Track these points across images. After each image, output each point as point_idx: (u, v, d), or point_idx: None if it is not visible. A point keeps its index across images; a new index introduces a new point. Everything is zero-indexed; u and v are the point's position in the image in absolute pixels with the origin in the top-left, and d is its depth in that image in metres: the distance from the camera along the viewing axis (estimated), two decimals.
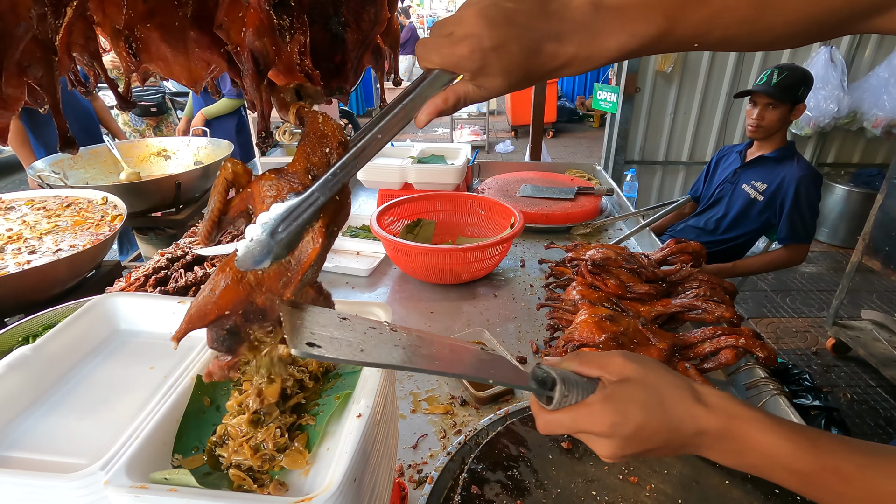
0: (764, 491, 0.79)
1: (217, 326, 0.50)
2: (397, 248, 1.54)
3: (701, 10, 0.54)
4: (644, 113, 4.35)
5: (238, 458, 0.51)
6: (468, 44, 0.52)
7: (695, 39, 0.56)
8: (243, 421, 0.52)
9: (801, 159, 2.23)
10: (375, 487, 0.59)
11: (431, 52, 0.54)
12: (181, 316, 0.71)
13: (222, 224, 0.56)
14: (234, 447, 0.51)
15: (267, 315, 0.51)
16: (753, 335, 1.13)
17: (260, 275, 0.51)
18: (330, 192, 0.51)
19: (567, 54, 0.55)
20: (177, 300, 0.73)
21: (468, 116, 7.87)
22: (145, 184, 2.49)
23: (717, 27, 0.55)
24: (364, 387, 0.57)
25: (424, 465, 0.98)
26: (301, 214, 0.51)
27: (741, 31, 0.56)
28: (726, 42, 0.58)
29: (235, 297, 0.50)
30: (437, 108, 0.56)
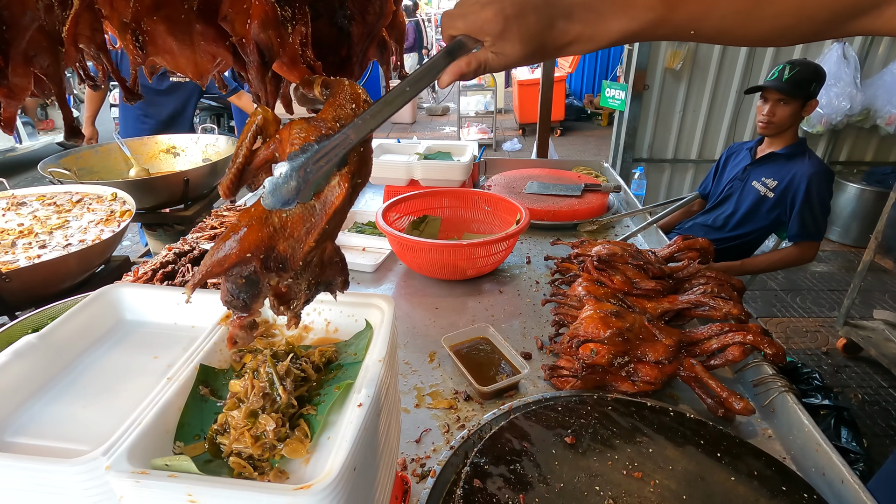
0: (771, 488, 0.78)
1: (235, 275, 0.48)
2: (403, 244, 1.54)
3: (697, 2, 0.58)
4: (653, 110, 4.32)
5: (238, 446, 0.51)
6: (492, 8, 0.57)
7: (691, 26, 0.60)
8: (241, 414, 0.52)
9: (813, 156, 2.20)
10: (376, 477, 0.59)
11: (457, 19, 0.60)
12: (185, 307, 0.72)
13: (245, 176, 0.55)
14: (234, 435, 0.51)
15: (287, 265, 0.50)
16: (761, 332, 1.12)
17: (284, 217, 0.50)
18: (360, 134, 0.52)
19: (575, 31, 0.60)
20: (181, 291, 0.73)
21: (475, 115, 7.86)
22: (154, 180, 2.51)
23: (712, 16, 0.59)
24: (365, 377, 0.57)
25: (427, 459, 0.98)
26: (331, 155, 0.51)
27: (735, 21, 0.59)
28: (722, 32, 0.61)
29: (258, 239, 0.49)
30: (459, 69, 0.60)
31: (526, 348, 1.30)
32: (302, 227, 0.50)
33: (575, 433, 0.88)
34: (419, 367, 1.24)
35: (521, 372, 1.15)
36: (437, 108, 10.15)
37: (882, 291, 3.66)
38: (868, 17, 0.56)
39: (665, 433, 0.88)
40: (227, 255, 0.49)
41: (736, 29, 0.60)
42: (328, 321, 0.72)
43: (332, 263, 0.54)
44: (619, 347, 1.07)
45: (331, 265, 0.54)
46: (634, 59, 4.08)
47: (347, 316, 0.71)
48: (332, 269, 0.54)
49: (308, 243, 0.50)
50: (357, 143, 0.52)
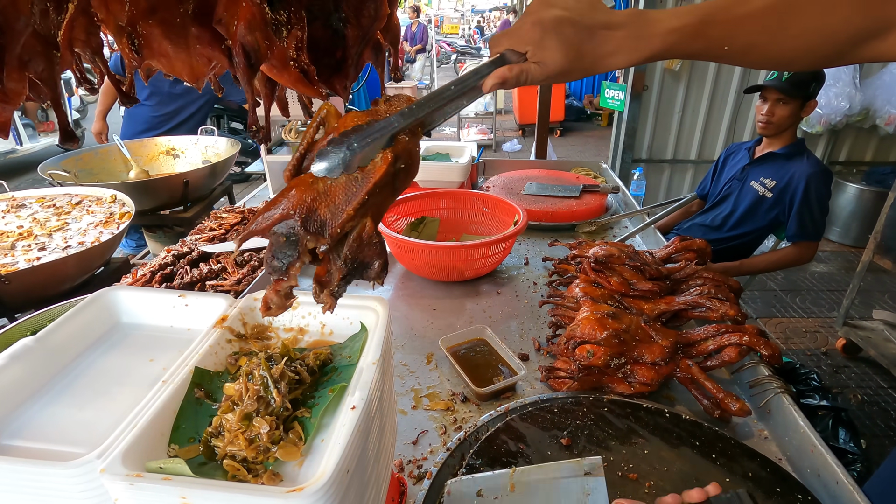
0: (765, 489, 0.78)
1: (278, 234, 0.53)
2: (401, 246, 1.55)
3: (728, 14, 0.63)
4: (652, 111, 4.32)
5: (233, 448, 0.51)
6: (531, 19, 0.63)
7: (724, 42, 0.64)
8: (235, 417, 0.53)
9: (811, 156, 2.20)
10: (371, 479, 0.60)
11: (501, 37, 0.66)
12: (181, 310, 0.72)
13: (305, 162, 0.60)
14: (229, 438, 0.52)
15: (325, 229, 0.53)
16: (758, 333, 1.12)
17: (329, 185, 0.55)
18: (405, 121, 0.58)
19: (616, 39, 0.64)
20: (177, 294, 0.73)
21: (475, 115, 7.86)
22: (153, 182, 2.52)
23: (741, 32, 0.63)
24: (359, 380, 0.57)
25: (424, 460, 0.98)
26: (377, 134, 0.57)
27: (763, 38, 0.63)
28: (751, 48, 0.65)
29: (302, 199, 0.53)
30: (502, 75, 0.64)
31: (523, 350, 1.30)
32: (343, 195, 0.54)
33: (570, 435, 0.89)
34: (416, 369, 1.24)
35: (518, 373, 1.15)
36: None
37: (882, 292, 3.65)
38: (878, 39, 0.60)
39: (660, 434, 0.88)
40: (273, 211, 0.53)
41: (763, 46, 0.64)
42: (323, 323, 0.72)
43: (370, 244, 0.56)
44: (615, 349, 1.08)
45: (369, 245, 0.56)
46: None
47: (342, 318, 0.72)
48: (371, 251, 0.56)
49: (347, 211, 0.53)
50: (402, 127, 0.58)
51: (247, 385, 0.55)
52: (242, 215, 2.07)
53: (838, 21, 0.60)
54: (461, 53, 12.38)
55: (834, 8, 0.60)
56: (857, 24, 0.60)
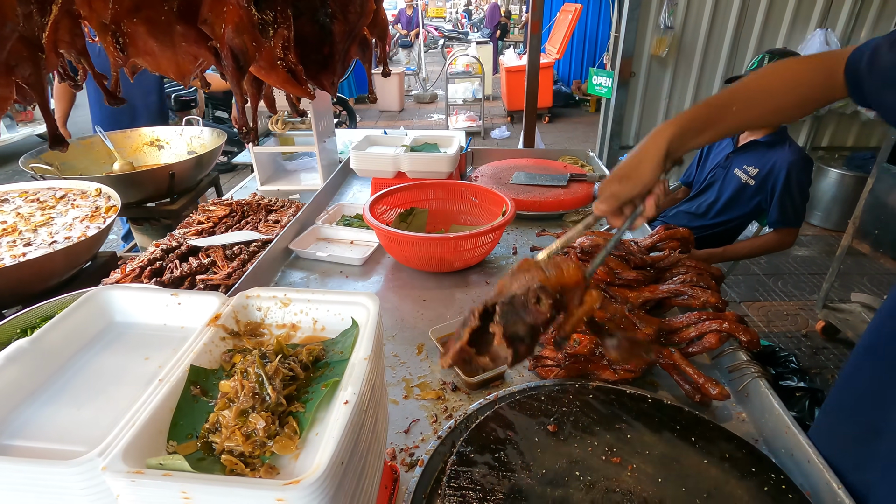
0: (740, 470, 0.82)
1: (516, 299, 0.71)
2: (390, 237, 1.56)
3: (730, 121, 0.90)
4: (639, 98, 4.34)
5: (230, 444, 0.53)
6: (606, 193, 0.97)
7: (730, 134, 0.98)
8: (232, 413, 0.54)
9: (793, 144, 2.24)
10: (364, 470, 0.62)
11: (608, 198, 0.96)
12: (174, 309, 0.73)
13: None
14: (226, 434, 0.53)
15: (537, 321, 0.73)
16: (737, 320, 1.16)
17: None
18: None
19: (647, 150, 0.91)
20: (170, 293, 0.74)
21: (463, 102, 7.82)
22: (139, 174, 2.49)
23: (731, 117, 0.89)
24: (351, 374, 0.59)
25: (416, 448, 1.01)
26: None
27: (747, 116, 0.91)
28: (741, 124, 0.92)
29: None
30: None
31: None
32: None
33: (557, 421, 0.92)
34: (407, 360, 1.26)
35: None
36: (425, 95, 10.08)
37: (860, 275, 3.75)
38: (828, 100, 0.88)
39: (643, 419, 0.92)
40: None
41: (749, 121, 0.95)
42: (315, 320, 0.74)
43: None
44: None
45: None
46: (621, 45, 4.09)
47: (334, 314, 0.73)
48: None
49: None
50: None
51: (242, 382, 0.57)
52: (230, 208, 2.06)
53: (795, 97, 0.87)
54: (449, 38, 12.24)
55: (792, 90, 0.86)
56: (811, 99, 0.87)
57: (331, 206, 2.07)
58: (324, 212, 2.01)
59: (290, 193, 2.43)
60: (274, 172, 2.65)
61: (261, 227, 1.90)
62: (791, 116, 0.90)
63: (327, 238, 1.87)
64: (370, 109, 9.66)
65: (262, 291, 0.74)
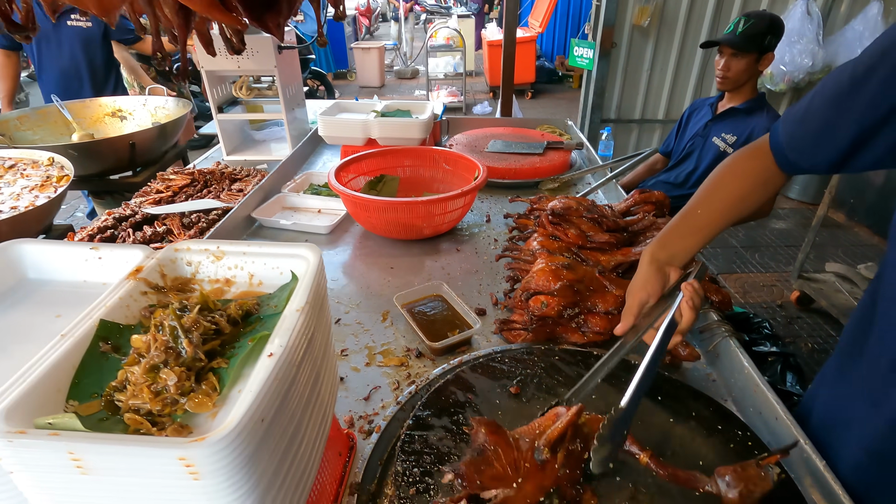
0: (707, 427, 0.79)
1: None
2: (356, 203, 1.49)
3: (702, 222, 0.98)
4: (620, 69, 4.27)
5: (136, 402, 0.47)
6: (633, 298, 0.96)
7: (712, 234, 0.99)
8: (140, 369, 0.48)
9: (771, 110, 2.21)
10: (301, 433, 0.57)
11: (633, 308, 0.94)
12: (94, 264, 0.67)
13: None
14: (132, 391, 0.48)
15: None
16: (709, 280, 1.12)
17: None
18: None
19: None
20: (89, 246, 0.67)
21: (444, 77, 7.66)
22: (96, 144, 2.35)
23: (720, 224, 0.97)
24: (281, 327, 0.54)
25: (375, 415, 0.97)
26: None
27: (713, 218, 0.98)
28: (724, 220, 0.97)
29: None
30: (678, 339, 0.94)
31: (481, 305, 1.28)
32: None
33: (520, 383, 0.88)
34: (371, 327, 1.21)
35: (474, 327, 1.13)
36: (407, 70, 9.86)
37: (835, 246, 3.79)
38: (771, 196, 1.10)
39: (609, 379, 0.88)
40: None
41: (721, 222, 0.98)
42: (252, 274, 0.68)
43: None
44: (569, 299, 1.07)
45: None
46: (602, 15, 4.00)
47: (272, 268, 0.67)
48: None
49: None
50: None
51: (155, 336, 0.51)
52: (192, 177, 1.97)
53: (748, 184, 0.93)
54: (430, 13, 11.91)
55: (740, 177, 0.94)
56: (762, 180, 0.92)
57: (299, 175, 1.98)
58: (291, 181, 1.93)
59: (257, 164, 2.33)
60: (241, 142, 2.54)
61: (223, 196, 1.82)
62: (755, 200, 0.93)
63: (293, 207, 1.79)
64: (350, 85, 9.42)
65: (193, 244, 0.67)
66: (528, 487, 0.62)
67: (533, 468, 0.63)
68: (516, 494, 0.61)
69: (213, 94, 2.22)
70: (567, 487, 0.64)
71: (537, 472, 0.63)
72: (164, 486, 0.43)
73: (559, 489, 0.63)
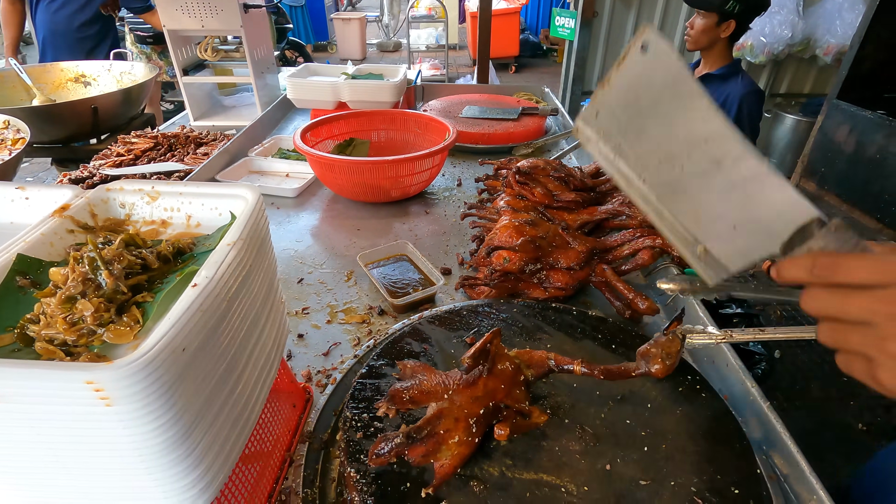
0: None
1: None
2: (322, 164, 1.46)
3: None
4: (602, 40, 4.22)
5: (50, 332, 0.45)
6: None
7: None
8: (56, 300, 0.46)
9: (745, 76, 2.21)
10: (234, 372, 0.55)
11: None
12: (21, 205, 0.64)
13: None
14: (45, 322, 0.46)
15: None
16: None
17: None
18: None
19: None
20: (15, 186, 0.64)
21: (427, 49, 7.51)
22: (56, 107, 2.26)
23: None
24: (209, 261, 0.52)
25: (334, 370, 0.96)
26: None
27: None
28: None
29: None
30: None
31: (447, 264, 1.27)
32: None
33: (476, 334, 0.88)
34: (335, 287, 1.20)
35: (437, 284, 1.13)
36: (389, 43, 9.64)
37: None
38: None
39: (565, 330, 0.89)
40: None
41: None
42: (189, 216, 0.65)
43: None
44: (531, 254, 1.06)
45: None
46: None
47: (210, 209, 0.65)
48: None
49: None
50: None
51: (73, 267, 0.49)
52: (155, 140, 1.90)
53: None
54: None
55: None
56: None
57: (267, 140, 1.93)
58: (259, 145, 1.88)
59: (226, 130, 2.27)
60: (210, 108, 2.46)
61: (187, 159, 1.76)
62: None
63: (260, 171, 1.75)
64: (331, 57, 9.19)
65: (127, 184, 0.65)
66: (459, 399, 0.63)
67: (465, 385, 0.64)
68: (450, 405, 0.62)
69: (176, 56, 2.13)
70: (512, 402, 0.65)
71: (468, 387, 0.64)
72: (76, 412, 0.41)
73: (504, 405, 0.65)
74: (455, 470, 0.61)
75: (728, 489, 0.63)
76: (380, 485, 0.62)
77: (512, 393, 0.66)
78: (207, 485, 0.50)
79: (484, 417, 0.63)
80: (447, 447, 0.60)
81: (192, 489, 0.48)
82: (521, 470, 0.65)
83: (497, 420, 0.65)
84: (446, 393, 0.63)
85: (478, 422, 0.62)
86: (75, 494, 0.48)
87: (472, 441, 0.61)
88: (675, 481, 0.64)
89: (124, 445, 0.43)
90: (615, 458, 0.66)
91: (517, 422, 0.66)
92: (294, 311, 1.11)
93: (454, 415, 0.61)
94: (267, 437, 0.76)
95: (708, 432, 0.70)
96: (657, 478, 0.64)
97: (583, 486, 0.63)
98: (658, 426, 0.71)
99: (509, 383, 0.66)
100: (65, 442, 0.43)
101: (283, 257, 1.30)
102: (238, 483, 0.67)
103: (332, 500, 0.70)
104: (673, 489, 0.63)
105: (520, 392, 0.67)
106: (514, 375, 0.67)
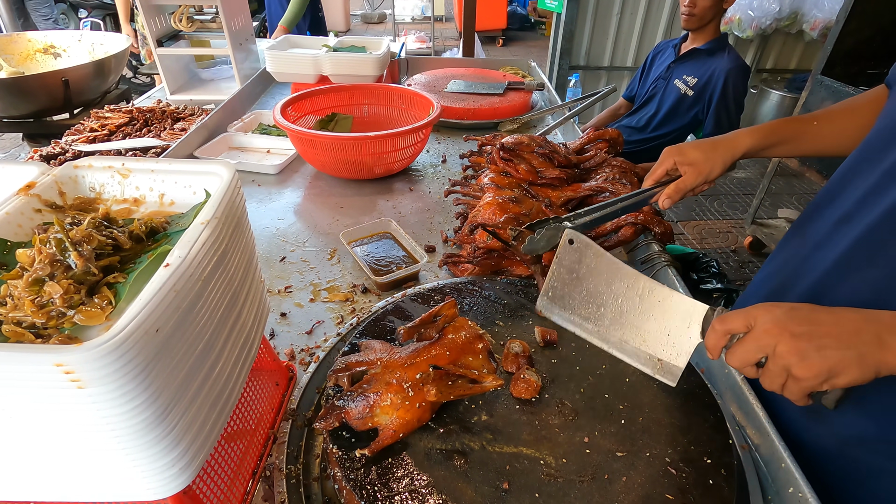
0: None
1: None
2: (303, 140, 1.43)
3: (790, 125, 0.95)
4: (590, 13, 4.16)
5: (17, 314, 0.44)
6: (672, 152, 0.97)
7: (803, 152, 0.97)
8: (23, 282, 0.45)
9: (732, 51, 2.19)
10: (211, 352, 0.55)
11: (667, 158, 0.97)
12: None
13: None
14: (12, 304, 0.44)
15: None
16: (653, 212, 1.13)
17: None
18: None
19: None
20: None
21: (412, 21, 7.32)
22: (24, 80, 2.17)
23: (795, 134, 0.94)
24: (182, 240, 0.51)
25: (317, 348, 0.96)
26: None
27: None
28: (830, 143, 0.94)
29: None
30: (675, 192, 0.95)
31: (431, 241, 1.27)
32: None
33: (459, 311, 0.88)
34: (318, 265, 1.19)
35: (420, 262, 1.12)
36: (373, 15, 9.38)
37: (789, 194, 3.91)
38: None
39: (515, 310, 0.89)
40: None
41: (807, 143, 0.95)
42: (163, 194, 0.64)
43: None
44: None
45: None
46: None
47: (184, 187, 0.63)
48: None
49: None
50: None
51: (40, 249, 0.48)
52: (131, 115, 1.85)
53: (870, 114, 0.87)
54: None
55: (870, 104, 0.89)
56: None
57: (247, 115, 1.88)
58: (238, 120, 1.83)
59: (203, 104, 2.20)
60: (187, 81, 2.39)
61: (164, 135, 1.71)
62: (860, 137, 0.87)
63: (240, 147, 1.71)
64: None
65: (96, 161, 0.63)
66: (391, 365, 0.69)
67: (404, 354, 0.71)
68: (382, 371, 0.68)
69: (150, 26, 2.05)
70: (456, 369, 0.70)
71: (405, 355, 0.71)
72: (48, 396, 0.41)
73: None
74: (397, 434, 0.64)
75: (700, 459, 0.65)
76: (363, 460, 0.63)
77: (461, 359, 0.69)
78: (187, 464, 0.51)
79: (422, 382, 0.66)
80: (382, 410, 0.64)
81: (171, 468, 0.48)
82: (502, 444, 0.66)
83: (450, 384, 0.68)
84: (379, 361, 0.68)
85: (414, 386, 0.65)
86: (51, 477, 0.47)
87: (413, 406, 0.64)
88: (650, 452, 0.66)
89: (99, 428, 0.43)
90: (593, 431, 0.68)
91: (459, 383, 0.68)
92: (276, 290, 1.10)
93: (384, 379, 0.66)
94: (250, 415, 0.76)
95: (683, 405, 0.72)
96: (633, 449, 0.66)
97: (561, 459, 0.64)
98: (635, 400, 0.73)
99: (457, 351, 0.70)
100: (37, 426, 0.42)
101: (264, 235, 1.28)
102: (221, 461, 0.67)
103: (315, 476, 0.70)
104: (648, 459, 0.65)
105: (474, 359, 0.69)
106: (467, 344, 0.70)
